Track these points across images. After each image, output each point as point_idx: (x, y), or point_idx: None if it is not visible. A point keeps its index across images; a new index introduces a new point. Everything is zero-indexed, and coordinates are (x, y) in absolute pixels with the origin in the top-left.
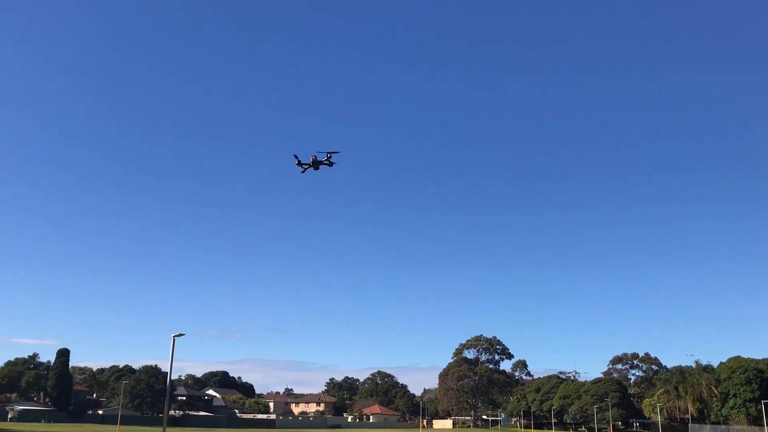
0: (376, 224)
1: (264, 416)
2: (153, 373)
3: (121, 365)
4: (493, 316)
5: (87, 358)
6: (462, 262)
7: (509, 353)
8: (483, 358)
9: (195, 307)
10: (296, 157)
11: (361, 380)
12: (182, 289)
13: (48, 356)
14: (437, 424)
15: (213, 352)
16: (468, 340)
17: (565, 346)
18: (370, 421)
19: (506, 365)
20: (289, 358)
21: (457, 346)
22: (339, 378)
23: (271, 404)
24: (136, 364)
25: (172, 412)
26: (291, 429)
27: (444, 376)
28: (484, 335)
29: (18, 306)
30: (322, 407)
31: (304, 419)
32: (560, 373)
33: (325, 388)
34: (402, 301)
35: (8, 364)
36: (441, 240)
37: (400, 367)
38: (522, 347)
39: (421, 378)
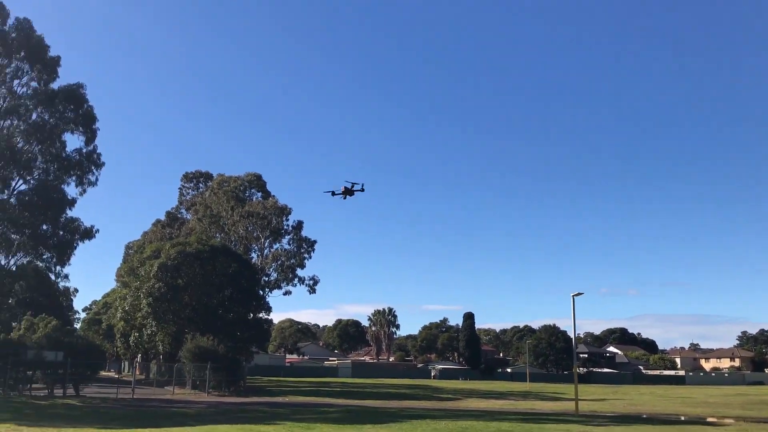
0: None
1: (671, 372)
2: (552, 332)
3: (521, 325)
4: None
5: (489, 320)
6: None
7: None
8: None
9: (585, 267)
10: (332, 192)
11: None
12: (572, 251)
13: (455, 320)
14: None
15: (607, 309)
16: None
17: None
18: None
19: None
20: (690, 312)
21: None
22: (752, 330)
23: (678, 360)
24: (535, 324)
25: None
26: (703, 386)
27: None
28: None
29: (428, 276)
30: (736, 362)
31: (718, 375)
32: None
33: (738, 342)
34: None
35: (425, 328)
36: None
37: None
38: None
39: None
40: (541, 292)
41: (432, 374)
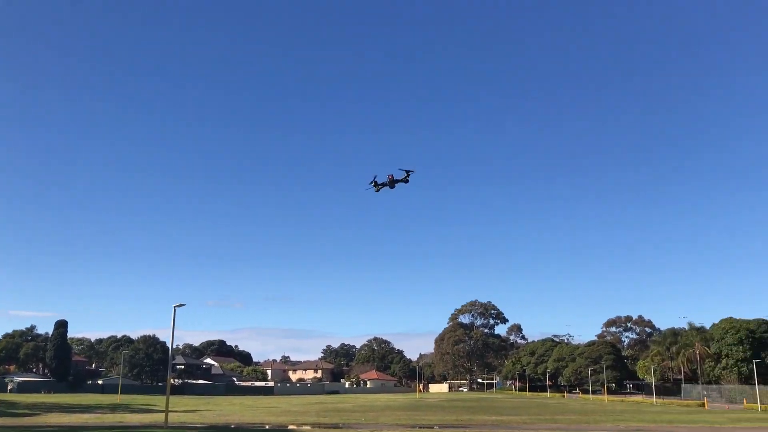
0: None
1: (262, 383)
2: (151, 342)
3: (119, 336)
4: (487, 282)
5: (85, 329)
6: (457, 226)
7: (504, 317)
8: (478, 323)
9: (192, 278)
10: (374, 180)
11: (358, 347)
12: (179, 261)
13: (46, 328)
14: (434, 388)
15: (213, 321)
16: (463, 306)
17: (558, 310)
18: (368, 386)
19: (501, 329)
20: (286, 326)
21: (452, 312)
22: (336, 345)
23: (269, 371)
24: (134, 335)
25: (171, 381)
26: (289, 396)
27: (440, 341)
28: (479, 300)
29: (15, 278)
30: (319, 374)
31: (302, 386)
32: (554, 336)
33: (322, 354)
34: (397, 268)
35: (6, 336)
36: (435, 202)
37: (397, 333)
38: (517, 312)
39: (417, 343)
40: (145, 301)
41: (9, 388)
